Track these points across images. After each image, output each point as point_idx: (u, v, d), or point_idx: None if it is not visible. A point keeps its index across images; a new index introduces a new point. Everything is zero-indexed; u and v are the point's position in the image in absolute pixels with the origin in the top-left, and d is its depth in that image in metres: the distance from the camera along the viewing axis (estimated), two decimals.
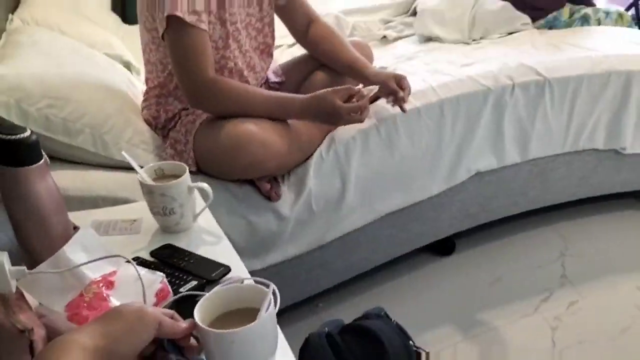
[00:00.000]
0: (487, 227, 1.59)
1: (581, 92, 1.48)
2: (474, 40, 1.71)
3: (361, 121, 1.16)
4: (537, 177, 1.55)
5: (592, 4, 1.90)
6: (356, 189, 1.30)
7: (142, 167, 0.83)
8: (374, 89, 1.16)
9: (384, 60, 1.61)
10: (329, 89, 1.14)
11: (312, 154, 1.26)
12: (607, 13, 1.87)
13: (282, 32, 1.90)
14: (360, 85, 1.16)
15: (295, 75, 1.40)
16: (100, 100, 1.19)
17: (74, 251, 0.63)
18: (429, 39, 1.75)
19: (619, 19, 1.90)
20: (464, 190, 1.46)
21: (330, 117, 1.15)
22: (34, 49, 1.28)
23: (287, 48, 1.86)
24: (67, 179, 1.08)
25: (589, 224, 1.67)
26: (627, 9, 2.71)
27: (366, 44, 1.50)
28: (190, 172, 0.84)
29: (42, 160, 0.69)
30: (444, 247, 1.57)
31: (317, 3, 2.10)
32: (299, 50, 1.79)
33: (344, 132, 1.27)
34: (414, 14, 1.90)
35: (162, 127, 1.25)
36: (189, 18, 1.06)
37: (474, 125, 1.39)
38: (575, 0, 1.86)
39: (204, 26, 1.09)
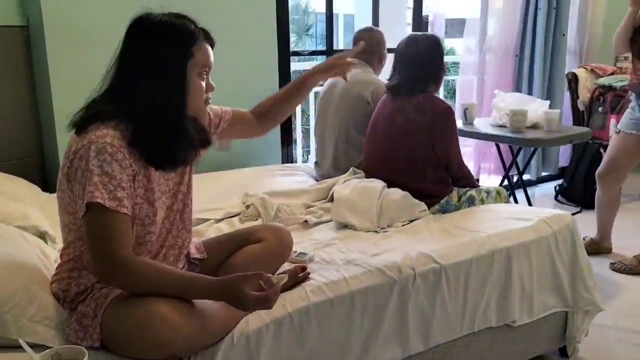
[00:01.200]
0: None
1: (472, 275, 1.73)
2: (382, 228, 1.96)
3: (269, 308, 1.24)
4: None
5: (476, 185, 2.27)
6: None
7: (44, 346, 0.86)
8: (284, 277, 1.29)
9: (303, 245, 1.81)
10: (241, 275, 1.19)
11: (223, 337, 1.29)
12: (488, 192, 2.24)
13: (208, 206, 2.11)
14: (285, 266, 1.28)
15: (217, 254, 1.54)
16: (5, 277, 1.25)
17: None
18: (344, 226, 2.00)
19: (498, 197, 2.27)
20: None
21: (238, 304, 1.19)
22: None
23: (214, 223, 2.04)
24: None
25: None
26: (502, 182, 3.20)
27: (287, 230, 1.69)
28: (93, 347, 0.88)
29: None
30: None
31: (248, 184, 2.39)
32: (226, 226, 1.99)
33: (258, 318, 1.37)
34: (332, 199, 2.17)
35: (70, 300, 1.27)
36: (109, 204, 1.15)
37: (380, 316, 1.55)
38: (459, 184, 2.22)
39: (125, 210, 1.18)
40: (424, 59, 2.14)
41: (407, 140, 2.10)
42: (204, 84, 1.34)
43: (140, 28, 1.28)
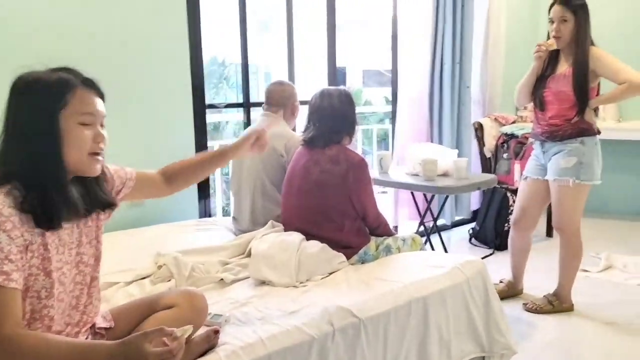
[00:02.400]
0: None
1: (390, 326, 1.74)
2: (301, 283, 1.94)
3: None
4: None
5: (392, 234, 2.31)
6: None
7: None
8: (189, 329, 1.21)
9: (219, 305, 1.74)
10: (141, 333, 1.13)
11: None
12: (404, 240, 2.29)
13: (117, 268, 1.98)
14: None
15: (124, 323, 1.44)
16: None
17: None
18: (262, 282, 1.95)
19: (414, 244, 2.32)
20: None
21: None
22: None
23: (123, 286, 1.93)
24: None
25: None
26: (418, 228, 3.30)
27: (201, 294, 1.59)
28: None
29: None
30: None
31: (161, 242, 2.29)
32: (137, 289, 1.87)
33: None
34: (250, 255, 2.12)
35: None
36: None
37: None
38: (376, 234, 2.25)
39: (13, 284, 1.12)
40: (338, 113, 2.20)
41: (323, 192, 2.11)
42: (88, 132, 1.26)
43: (15, 87, 1.24)
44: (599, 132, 2.66)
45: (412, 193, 3.39)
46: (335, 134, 2.19)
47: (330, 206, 2.12)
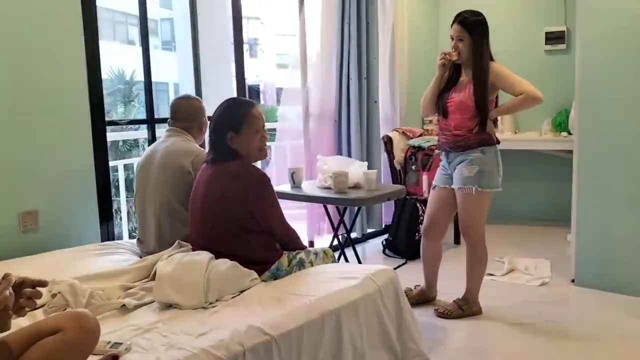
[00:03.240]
0: None
1: (304, 342, 1.70)
2: (210, 303, 1.85)
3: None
4: None
5: (304, 247, 2.28)
6: None
7: None
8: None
9: (120, 333, 1.62)
10: None
11: None
12: (316, 254, 2.27)
13: None
14: None
15: (5, 355, 1.28)
16: None
17: None
18: (168, 306, 1.85)
19: (326, 257, 2.31)
20: None
21: None
22: None
23: (14, 318, 1.73)
24: None
25: None
26: (332, 241, 3.31)
27: (89, 313, 1.41)
28: None
29: None
30: None
31: (58, 269, 2.11)
32: (28, 321, 1.67)
33: None
34: (155, 278, 2.01)
35: None
36: None
37: None
38: (288, 248, 2.21)
39: None
40: (215, 127, 2.12)
41: (226, 208, 2.04)
42: None
43: None
44: (498, 142, 2.81)
45: (324, 207, 3.39)
46: (225, 149, 2.09)
47: (234, 223, 2.05)
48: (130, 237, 3.69)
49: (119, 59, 11.43)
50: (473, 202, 2.77)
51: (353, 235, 4.04)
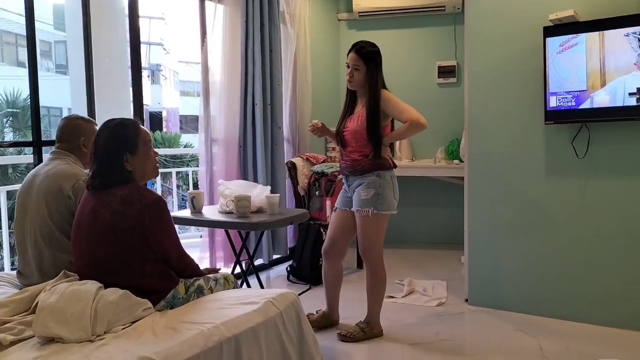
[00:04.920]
0: None
1: None
2: (98, 336, 1.72)
3: None
4: None
5: (203, 274, 2.19)
6: None
7: None
8: None
9: None
10: None
11: None
12: (216, 280, 2.20)
13: None
14: None
15: None
16: None
17: None
18: (51, 340, 1.69)
19: (226, 283, 2.24)
20: None
21: None
22: None
23: None
24: None
25: None
26: (233, 268, 3.25)
27: None
28: None
29: None
30: None
31: None
32: None
33: None
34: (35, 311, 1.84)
35: None
36: None
37: None
38: (184, 275, 2.11)
39: None
40: (106, 150, 1.99)
41: (116, 236, 1.91)
42: None
43: None
44: (395, 166, 2.92)
45: (227, 233, 3.32)
46: (119, 172, 1.98)
47: (126, 251, 1.92)
48: (12, 269, 3.38)
49: (9, 82, 10.71)
50: (370, 224, 2.84)
51: (259, 262, 3.99)
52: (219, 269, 2.38)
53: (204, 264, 3.52)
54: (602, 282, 3.08)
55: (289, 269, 4.15)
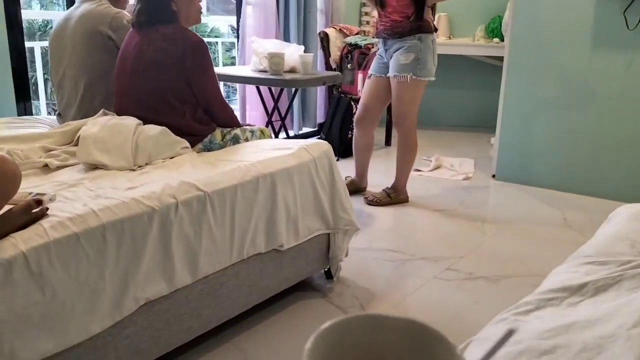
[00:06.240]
0: None
1: (238, 201, 1.68)
2: (139, 166, 1.78)
3: None
4: (209, 295, 1.63)
5: (240, 125, 2.23)
6: None
7: None
8: None
9: (43, 188, 1.54)
10: None
11: None
12: (252, 132, 2.22)
13: None
14: None
15: None
16: None
17: None
18: (94, 167, 1.76)
19: (262, 135, 2.27)
20: (132, 324, 1.42)
21: None
22: None
23: None
24: None
25: (265, 328, 1.83)
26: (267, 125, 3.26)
27: (9, 157, 1.38)
28: None
29: None
30: None
31: None
32: None
33: None
34: (78, 144, 1.90)
35: None
36: None
37: (140, 250, 1.40)
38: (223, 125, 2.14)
39: None
40: None
41: (158, 72, 1.93)
42: None
43: None
44: (436, 30, 2.81)
45: (260, 94, 3.31)
46: (165, 10, 1.97)
47: (167, 89, 1.94)
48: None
49: None
50: (407, 90, 2.79)
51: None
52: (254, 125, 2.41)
53: None
54: (636, 162, 3.04)
55: None
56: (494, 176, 3.53)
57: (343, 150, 3.93)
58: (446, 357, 0.37)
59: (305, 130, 4.39)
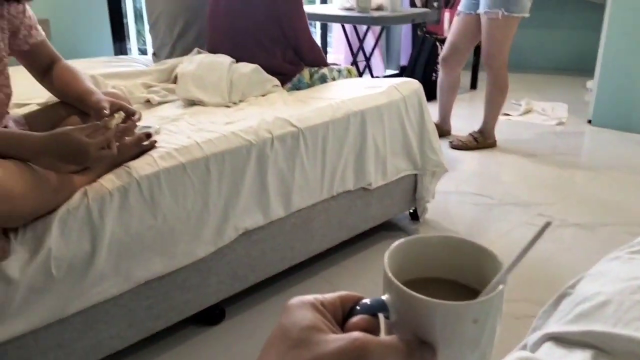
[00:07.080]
0: (256, 288, 1.63)
1: (329, 138, 1.70)
2: (234, 103, 1.83)
3: (113, 155, 1.14)
4: (300, 228, 1.68)
5: (327, 64, 2.22)
6: (110, 252, 1.21)
7: None
8: (119, 117, 1.19)
9: (148, 121, 1.62)
10: (71, 127, 1.08)
11: (57, 208, 1.14)
12: (339, 71, 2.21)
13: (29, 95, 1.81)
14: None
15: (43, 123, 1.31)
16: None
17: None
18: (192, 103, 1.83)
19: (349, 74, 2.26)
20: (232, 251, 1.49)
21: (77, 156, 1.07)
22: None
23: (35, 107, 1.75)
24: None
25: (351, 264, 1.87)
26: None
27: (124, 95, 1.50)
28: None
29: None
30: (211, 316, 1.54)
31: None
32: None
33: (99, 187, 1.22)
34: (175, 81, 1.97)
35: None
36: None
37: (239, 182, 1.47)
38: (312, 64, 2.14)
39: None
40: None
41: (251, 11, 1.95)
42: None
43: None
44: None
45: (345, 34, 3.26)
46: None
47: (259, 28, 1.96)
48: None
49: None
50: (499, 27, 2.65)
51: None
52: None
53: None
54: None
55: None
56: (589, 122, 3.33)
57: (427, 92, 3.81)
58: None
59: (389, 72, 4.30)
